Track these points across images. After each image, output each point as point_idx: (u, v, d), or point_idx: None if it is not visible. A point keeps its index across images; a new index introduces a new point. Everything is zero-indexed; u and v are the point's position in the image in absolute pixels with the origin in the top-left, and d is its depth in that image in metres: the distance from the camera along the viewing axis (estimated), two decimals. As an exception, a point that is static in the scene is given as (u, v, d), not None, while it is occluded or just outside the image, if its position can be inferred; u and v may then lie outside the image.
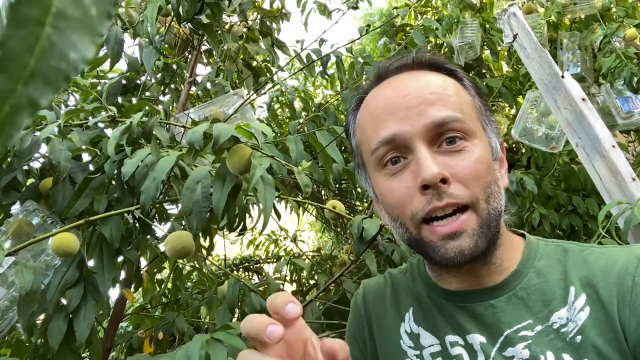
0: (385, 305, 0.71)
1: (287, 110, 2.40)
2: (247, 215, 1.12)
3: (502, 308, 0.58)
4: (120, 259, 1.18)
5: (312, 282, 2.37)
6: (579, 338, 0.52)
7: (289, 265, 2.16)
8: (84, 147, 1.14)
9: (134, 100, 1.75)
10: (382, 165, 0.59)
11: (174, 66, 1.82)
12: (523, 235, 0.65)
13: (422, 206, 0.54)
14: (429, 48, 2.09)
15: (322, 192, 2.37)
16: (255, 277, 2.79)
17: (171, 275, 1.74)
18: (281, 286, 1.62)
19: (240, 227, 1.07)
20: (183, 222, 1.43)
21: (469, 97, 0.61)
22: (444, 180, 0.53)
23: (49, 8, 0.15)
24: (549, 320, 0.55)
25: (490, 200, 0.55)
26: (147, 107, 1.10)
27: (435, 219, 0.55)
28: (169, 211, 1.44)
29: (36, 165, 1.30)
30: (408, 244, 0.60)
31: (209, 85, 1.91)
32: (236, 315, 1.73)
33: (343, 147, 1.92)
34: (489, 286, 0.60)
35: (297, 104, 2.52)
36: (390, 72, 0.63)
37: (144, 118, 1.05)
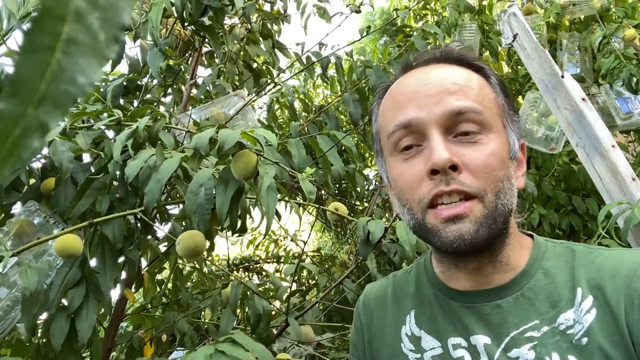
0: (386, 309, 0.71)
1: (286, 111, 2.41)
2: (248, 216, 1.12)
3: (508, 309, 0.58)
4: (121, 259, 1.19)
5: (311, 282, 2.37)
6: (585, 340, 0.52)
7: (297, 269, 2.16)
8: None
9: (136, 102, 1.75)
10: (397, 149, 0.60)
11: (176, 67, 1.82)
12: (532, 237, 0.65)
13: (429, 189, 0.55)
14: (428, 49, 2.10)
15: (322, 192, 2.38)
16: (255, 277, 2.80)
17: (172, 275, 1.75)
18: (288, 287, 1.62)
19: (241, 228, 1.08)
20: (184, 223, 1.43)
21: (492, 94, 0.61)
22: (454, 167, 0.54)
23: (59, 35, 0.15)
24: (555, 321, 0.55)
25: (500, 195, 0.56)
26: (151, 111, 1.10)
27: (441, 204, 0.56)
28: (169, 211, 1.44)
29: (37, 165, 1.30)
30: (414, 231, 0.61)
31: (210, 87, 1.92)
32: (238, 317, 1.74)
33: (343, 148, 1.93)
34: (496, 286, 0.59)
35: (297, 105, 2.52)
36: (418, 64, 0.64)
37: (149, 122, 1.06)
